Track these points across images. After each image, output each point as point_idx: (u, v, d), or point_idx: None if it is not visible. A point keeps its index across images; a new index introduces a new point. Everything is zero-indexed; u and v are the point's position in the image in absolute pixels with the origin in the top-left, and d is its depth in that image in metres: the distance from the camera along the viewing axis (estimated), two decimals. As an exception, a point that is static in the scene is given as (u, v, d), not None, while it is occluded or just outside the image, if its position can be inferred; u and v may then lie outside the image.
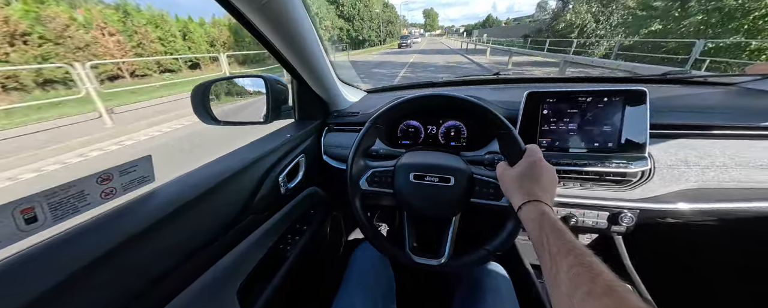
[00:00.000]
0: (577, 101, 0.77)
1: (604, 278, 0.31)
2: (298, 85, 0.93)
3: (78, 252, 0.34)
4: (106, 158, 4.12)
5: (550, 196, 0.50)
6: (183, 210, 0.46)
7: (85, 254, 0.34)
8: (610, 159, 0.73)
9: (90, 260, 0.34)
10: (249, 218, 0.63)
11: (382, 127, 0.74)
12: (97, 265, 0.35)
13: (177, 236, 0.45)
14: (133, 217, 0.41)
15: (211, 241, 0.51)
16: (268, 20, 0.54)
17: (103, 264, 0.35)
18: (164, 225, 0.43)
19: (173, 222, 0.44)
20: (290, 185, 0.79)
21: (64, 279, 0.32)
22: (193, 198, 0.48)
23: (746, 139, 0.70)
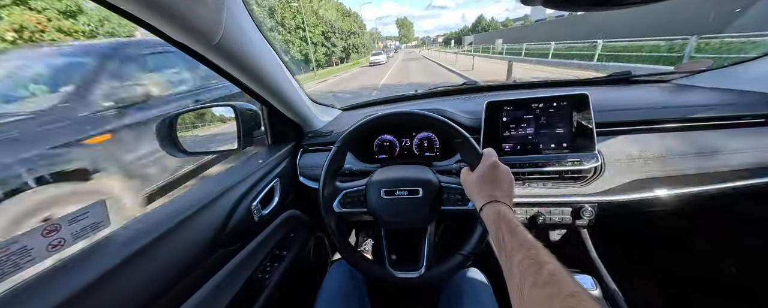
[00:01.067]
0: (531, 107, 0.83)
1: (547, 268, 0.34)
2: (268, 111, 0.94)
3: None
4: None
5: (507, 195, 0.53)
6: (142, 253, 0.45)
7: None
8: (566, 158, 0.78)
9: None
10: (219, 252, 0.61)
11: (350, 147, 0.76)
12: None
13: (134, 281, 0.43)
14: (86, 267, 0.39)
15: (173, 283, 0.49)
16: (224, 56, 0.55)
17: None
18: (119, 272, 0.41)
19: (131, 267, 0.43)
20: (265, 211, 0.78)
21: None
22: (152, 240, 0.47)
23: (679, 130, 0.79)
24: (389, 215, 0.66)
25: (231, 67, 0.60)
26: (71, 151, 1.47)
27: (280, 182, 0.89)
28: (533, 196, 0.80)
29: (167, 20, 0.40)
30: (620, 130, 0.81)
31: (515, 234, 0.42)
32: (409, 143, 1.04)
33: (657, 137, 0.78)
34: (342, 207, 0.69)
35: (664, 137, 0.78)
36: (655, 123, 0.80)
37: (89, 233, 0.40)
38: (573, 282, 0.31)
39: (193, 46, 0.48)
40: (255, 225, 0.74)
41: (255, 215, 0.73)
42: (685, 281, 1.02)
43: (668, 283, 1.04)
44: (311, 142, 1.04)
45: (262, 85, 0.72)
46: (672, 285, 1.03)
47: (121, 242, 0.45)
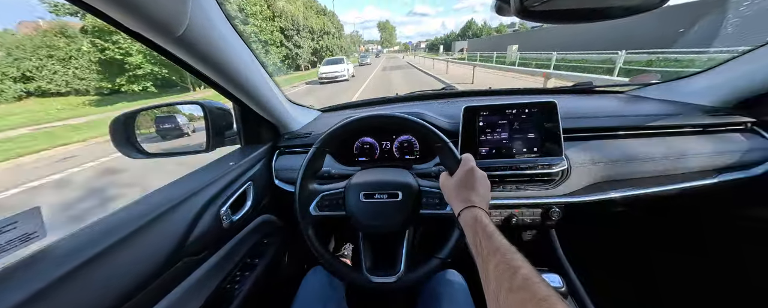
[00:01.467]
0: (505, 113, 0.87)
1: (521, 272, 0.35)
2: (241, 110, 0.89)
3: None
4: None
5: (484, 200, 0.54)
6: (86, 266, 0.39)
7: None
8: (537, 162, 0.83)
9: None
10: (182, 262, 0.56)
11: (329, 149, 0.74)
12: None
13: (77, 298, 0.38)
14: (13, 285, 0.34)
15: (126, 298, 0.44)
16: (189, 49, 0.51)
17: None
18: (59, 289, 0.36)
19: (71, 284, 0.38)
20: (235, 217, 0.73)
21: None
22: (102, 251, 0.42)
23: (633, 138, 0.87)
24: (368, 218, 0.65)
25: (198, 62, 0.55)
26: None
27: (254, 185, 0.84)
28: (508, 198, 0.84)
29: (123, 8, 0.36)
30: (584, 136, 0.87)
31: (491, 239, 0.43)
32: (389, 146, 1.03)
33: (615, 143, 0.85)
34: (319, 211, 0.67)
35: (620, 143, 0.85)
36: (613, 130, 0.87)
37: (18, 246, 0.34)
38: (545, 286, 0.33)
39: (152, 37, 0.44)
40: (224, 232, 0.69)
41: (224, 221, 0.68)
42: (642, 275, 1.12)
43: (626, 277, 1.13)
44: (288, 143, 1.00)
45: (234, 83, 0.68)
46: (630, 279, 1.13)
47: (62, 254, 0.39)
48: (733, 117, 0.84)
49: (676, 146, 0.82)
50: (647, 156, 0.81)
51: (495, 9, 0.63)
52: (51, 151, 6.05)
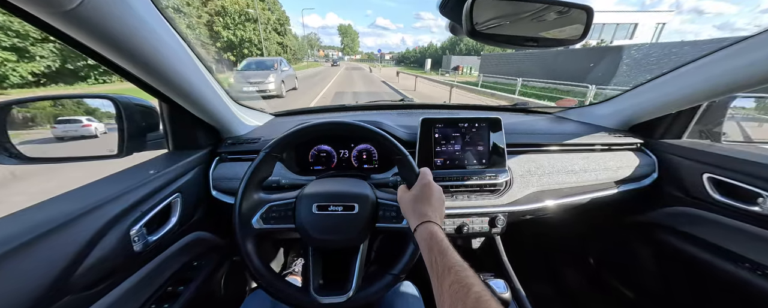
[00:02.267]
0: (458, 126, 0.92)
1: (474, 291, 0.36)
2: (169, 109, 0.75)
3: None
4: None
5: (439, 215, 0.55)
6: None
7: None
8: (485, 172, 0.89)
9: None
10: (65, 300, 0.43)
11: (280, 155, 0.67)
12: None
13: None
14: None
15: None
16: (89, 30, 0.40)
17: None
18: None
19: None
20: (152, 237, 0.60)
21: None
22: None
23: (559, 153, 1.00)
24: (321, 232, 0.59)
25: (105, 48, 0.43)
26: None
27: (182, 198, 0.71)
28: (460, 207, 0.87)
29: None
30: (522, 150, 0.97)
31: (445, 256, 0.43)
32: (347, 154, 1.00)
33: (546, 157, 0.97)
34: (263, 224, 0.59)
35: (550, 157, 0.97)
36: (544, 145, 0.99)
37: None
38: (495, 304, 0.34)
39: (31, 9, 0.33)
40: (134, 258, 0.55)
41: (135, 243, 0.54)
42: (571, 273, 1.28)
43: (560, 279, 1.28)
44: (231, 149, 0.89)
45: (160, 77, 0.57)
46: (563, 281, 1.28)
47: None
48: (628, 138, 1.04)
49: (591, 161, 0.97)
50: (570, 169, 0.94)
51: (449, 28, 0.67)
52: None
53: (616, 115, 1.09)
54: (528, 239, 1.25)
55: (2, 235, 0.38)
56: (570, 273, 1.31)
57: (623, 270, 1.22)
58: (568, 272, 1.30)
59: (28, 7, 0.32)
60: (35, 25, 0.36)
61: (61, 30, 0.38)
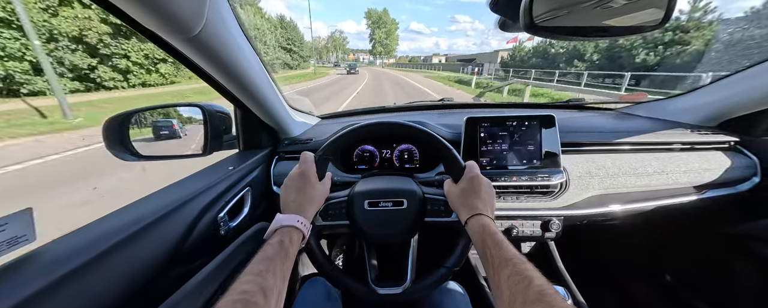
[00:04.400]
0: (506, 125, 0.89)
1: (535, 284, 0.35)
2: (242, 114, 0.87)
3: None
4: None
5: (490, 208, 0.54)
6: (78, 273, 0.37)
7: None
8: (536, 173, 0.84)
9: None
10: (175, 271, 0.53)
11: (331, 157, 0.72)
12: None
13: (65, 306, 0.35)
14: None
15: (121, 306, 0.41)
16: (201, 51, 0.50)
17: None
18: (46, 298, 0.33)
19: (60, 292, 0.35)
20: (232, 223, 0.70)
21: None
22: (94, 257, 0.39)
23: (625, 152, 0.90)
24: (373, 228, 0.63)
25: (208, 64, 0.54)
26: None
27: (252, 191, 0.81)
28: (508, 209, 0.84)
29: (141, 5, 0.36)
30: (580, 149, 0.90)
31: (501, 248, 0.43)
32: (389, 154, 1.03)
33: (610, 158, 0.88)
34: (322, 220, 0.65)
35: (615, 158, 0.88)
36: (608, 145, 0.90)
37: (5, 250, 0.32)
38: (561, 300, 0.33)
39: (167, 37, 0.43)
40: (220, 240, 0.66)
41: (221, 228, 0.65)
42: (639, 287, 1.13)
43: (626, 293, 1.14)
44: (288, 149, 0.99)
45: (240, 86, 0.67)
46: (630, 295, 1.13)
47: (49, 261, 0.36)
48: (718, 135, 0.89)
49: (666, 162, 0.86)
50: (641, 171, 0.84)
51: (498, 25, 0.65)
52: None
53: (699, 110, 0.94)
54: (586, 246, 1.14)
55: (130, 218, 0.50)
56: (639, 288, 1.15)
57: (709, 289, 1.03)
58: (636, 286, 1.15)
59: (163, 33, 0.43)
60: (162, 48, 0.47)
61: (181, 52, 0.48)
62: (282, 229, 0.48)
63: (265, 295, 0.35)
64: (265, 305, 0.34)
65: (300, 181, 0.56)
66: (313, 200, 0.57)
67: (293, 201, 0.54)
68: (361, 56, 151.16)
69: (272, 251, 0.42)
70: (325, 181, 0.63)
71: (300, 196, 0.55)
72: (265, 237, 0.48)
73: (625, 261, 1.15)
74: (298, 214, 0.51)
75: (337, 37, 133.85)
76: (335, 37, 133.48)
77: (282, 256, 0.42)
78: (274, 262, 0.40)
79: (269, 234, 0.48)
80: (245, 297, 0.33)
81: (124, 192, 3.10)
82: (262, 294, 0.34)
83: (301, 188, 0.55)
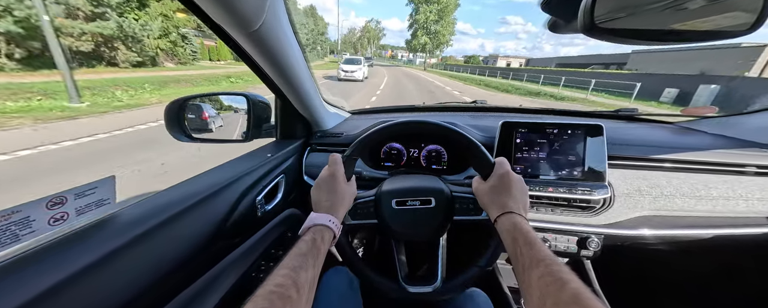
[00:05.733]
0: (546, 132, 0.84)
1: (570, 287, 0.33)
2: (282, 104, 0.92)
3: (17, 286, 0.29)
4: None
5: (522, 206, 0.52)
6: (144, 237, 0.42)
7: (27, 289, 0.29)
8: (577, 186, 0.78)
9: (34, 294, 0.29)
10: (219, 244, 0.58)
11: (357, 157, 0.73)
12: (38, 303, 0.30)
13: (135, 267, 0.40)
14: (86, 246, 0.36)
15: (173, 272, 0.46)
16: (257, 45, 0.54)
17: (48, 300, 0.30)
18: (121, 255, 0.38)
19: (132, 251, 0.40)
20: (268, 207, 0.75)
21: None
22: (157, 224, 0.44)
23: (686, 171, 0.80)
24: (402, 226, 0.63)
25: (261, 57, 0.58)
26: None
27: (285, 179, 0.86)
28: (540, 221, 0.80)
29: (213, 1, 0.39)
30: (630, 164, 0.82)
31: (533, 248, 0.41)
32: (417, 154, 1.03)
33: (665, 176, 0.79)
34: (352, 219, 0.66)
35: (672, 177, 0.79)
36: (664, 162, 0.81)
37: (93, 210, 0.37)
38: (599, 304, 0.31)
39: (230, 30, 0.47)
40: (257, 221, 0.70)
41: (258, 210, 0.69)
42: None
43: None
44: (320, 141, 1.02)
45: (285, 78, 0.71)
46: None
47: (124, 223, 0.41)
48: None
49: (737, 186, 0.75)
50: (703, 194, 0.75)
51: (548, 26, 0.61)
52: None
53: None
54: (626, 270, 1.03)
55: (194, 189, 0.55)
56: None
57: None
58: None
59: (228, 28, 0.46)
60: (226, 43, 0.52)
61: (241, 46, 0.52)
62: (315, 227, 0.49)
63: (298, 290, 0.36)
64: (297, 299, 0.35)
65: (330, 182, 0.57)
66: (343, 200, 0.58)
67: (325, 201, 0.55)
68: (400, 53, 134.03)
69: (306, 248, 0.44)
70: (352, 182, 0.65)
71: (331, 196, 0.56)
72: (299, 233, 0.50)
73: (672, 293, 1.03)
74: (329, 214, 0.53)
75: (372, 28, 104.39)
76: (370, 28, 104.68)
77: (314, 253, 0.44)
78: (307, 259, 0.42)
79: (303, 230, 0.50)
80: (281, 290, 0.34)
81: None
82: (295, 289, 0.36)
83: (332, 189, 0.57)
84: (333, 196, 0.56)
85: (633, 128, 1.05)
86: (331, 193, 0.56)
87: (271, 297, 0.33)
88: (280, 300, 0.33)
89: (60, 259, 0.33)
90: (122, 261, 0.38)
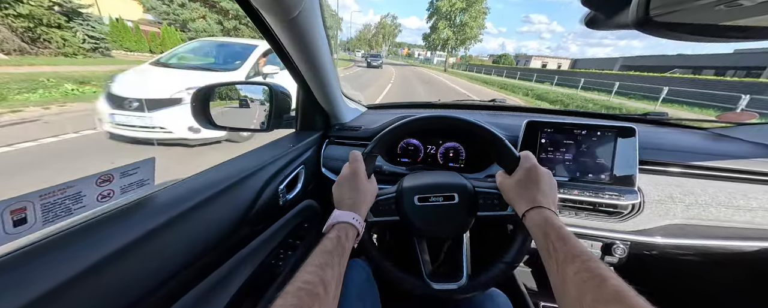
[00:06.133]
0: (573, 133, 0.81)
1: (611, 283, 0.32)
2: (304, 96, 0.93)
3: (66, 259, 0.30)
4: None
5: (551, 201, 0.50)
6: (179, 219, 0.43)
7: (75, 262, 0.30)
8: (604, 190, 0.76)
9: (80, 269, 0.30)
10: (245, 230, 0.59)
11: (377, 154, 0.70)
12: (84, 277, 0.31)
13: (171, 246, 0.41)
14: (128, 224, 0.37)
15: (204, 253, 0.47)
16: (291, 33, 0.54)
17: (89, 276, 0.31)
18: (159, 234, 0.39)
19: (169, 231, 0.41)
20: (289, 196, 0.76)
21: (48, 290, 0.28)
22: (189, 207, 0.45)
23: (722, 180, 0.76)
24: (425, 223, 0.62)
25: (292, 46, 0.58)
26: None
27: (305, 170, 0.86)
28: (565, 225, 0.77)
29: None
30: (662, 170, 0.78)
31: (567, 243, 0.40)
32: (434, 150, 1.01)
33: (700, 183, 0.76)
34: (374, 217, 0.64)
35: (707, 185, 0.75)
36: (700, 169, 0.77)
37: (135, 189, 0.38)
38: (644, 302, 0.30)
39: (268, 15, 0.47)
40: (279, 209, 0.71)
41: (280, 199, 0.70)
42: None
43: None
44: (338, 134, 1.02)
45: (312, 69, 0.71)
46: None
47: (161, 204, 0.43)
48: None
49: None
50: (742, 205, 0.71)
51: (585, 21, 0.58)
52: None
53: None
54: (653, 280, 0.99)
55: (224, 175, 0.56)
56: None
57: None
58: None
59: (266, 12, 0.46)
60: (259, 28, 0.52)
61: (275, 33, 0.52)
62: (339, 225, 0.49)
63: (325, 287, 0.36)
64: (325, 296, 0.35)
65: (352, 180, 0.57)
66: (365, 198, 0.58)
67: (348, 199, 0.55)
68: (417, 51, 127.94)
69: (331, 245, 0.44)
70: (373, 179, 0.64)
71: (354, 194, 0.55)
72: (324, 230, 0.50)
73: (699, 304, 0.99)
74: (353, 212, 0.53)
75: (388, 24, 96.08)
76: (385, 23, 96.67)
77: (339, 251, 0.44)
78: (333, 257, 0.42)
79: (327, 228, 0.50)
80: (309, 287, 0.35)
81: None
82: (322, 286, 0.36)
83: (354, 186, 0.56)
84: (355, 194, 0.56)
85: (664, 133, 1.01)
86: (353, 191, 0.56)
87: (300, 294, 0.33)
88: (309, 296, 0.33)
89: (106, 235, 0.34)
90: (160, 240, 0.39)
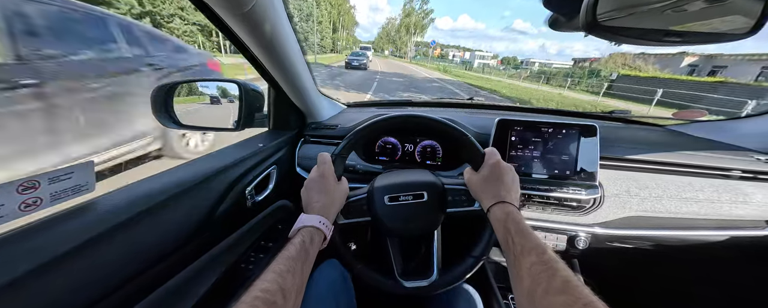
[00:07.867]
0: (541, 130, 0.84)
1: (560, 275, 0.34)
2: (275, 94, 0.90)
3: None
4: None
5: (514, 195, 0.52)
6: (124, 226, 0.40)
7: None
8: (568, 185, 0.79)
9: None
10: (204, 236, 0.56)
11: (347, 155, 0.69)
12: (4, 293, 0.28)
13: (113, 258, 0.38)
14: (60, 234, 0.34)
15: (156, 263, 0.44)
16: (248, 28, 0.52)
17: (14, 292, 0.28)
18: (98, 244, 0.36)
19: (110, 241, 0.38)
20: (258, 198, 0.73)
21: None
22: (138, 213, 0.42)
23: (673, 174, 0.82)
24: (395, 222, 0.62)
25: (252, 41, 0.56)
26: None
27: (277, 170, 0.84)
28: (532, 220, 0.80)
29: None
30: (620, 165, 0.83)
31: (524, 237, 0.42)
32: (411, 149, 1.02)
33: (654, 178, 0.81)
34: (345, 218, 0.64)
35: (660, 179, 0.80)
36: (653, 164, 0.83)
37: (70, 196, 0.35)
38: (588, 291, 0.31)
39: (219, 9, 0.44)
40: (247, 212, 0.69)
41: (248, 201, 0.68)
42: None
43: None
44: (314, 133, 1.00)
45: (278, 66, 0.69)
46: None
47: (103, 211, 0.40)
48: None
49: (722, 190, 0.77)
50: (690, 197, 0.77)
51: (548, 22, 0.60)
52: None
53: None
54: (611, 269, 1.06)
55: (181, 178, 0.54)
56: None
57: None
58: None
59: (217, 7, 0.44)
60: (213, 22, 0.49)
61: (229, 27, 0.50)
62: (304, 229, 0.48)
63: (285, 295, 0.35)
64: (283, 304, 0.34)
65: (320, 183, 0.56)
66: (334, 201, 0.57)
67: (316, 202, 0.54)
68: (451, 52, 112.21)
69: (294, 251, 0.43)
70: (344, 181, 0.63)
71: (322, 197, 0.55)
72: (289, 236, 0.49)
73: (652, 291, 1.07)
74: (320, 215, 0.52)
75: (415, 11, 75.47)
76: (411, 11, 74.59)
77: (303, 256, 0.43)
78: (296, 263, 0.41)
79: (293, 233, 0.49)
80: (266, 296, 0.34)
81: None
82: (281, 294, 0.35)
83: (322, 189, 0.55)
84: (323, 197, 0.55)
85: (624, 129, 1.07)
86: (321, 194, 0.55)
87: (256, 303, 0.32)
88: (266, 306, 0.32)
89: (31, 248, 0.31)
90: (99, 251, 0.36)
